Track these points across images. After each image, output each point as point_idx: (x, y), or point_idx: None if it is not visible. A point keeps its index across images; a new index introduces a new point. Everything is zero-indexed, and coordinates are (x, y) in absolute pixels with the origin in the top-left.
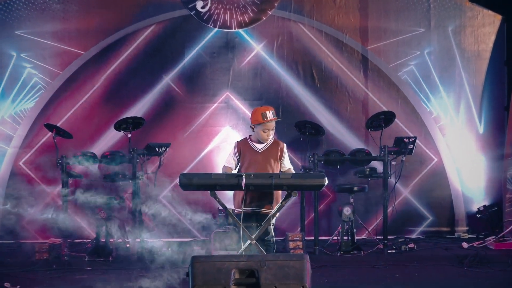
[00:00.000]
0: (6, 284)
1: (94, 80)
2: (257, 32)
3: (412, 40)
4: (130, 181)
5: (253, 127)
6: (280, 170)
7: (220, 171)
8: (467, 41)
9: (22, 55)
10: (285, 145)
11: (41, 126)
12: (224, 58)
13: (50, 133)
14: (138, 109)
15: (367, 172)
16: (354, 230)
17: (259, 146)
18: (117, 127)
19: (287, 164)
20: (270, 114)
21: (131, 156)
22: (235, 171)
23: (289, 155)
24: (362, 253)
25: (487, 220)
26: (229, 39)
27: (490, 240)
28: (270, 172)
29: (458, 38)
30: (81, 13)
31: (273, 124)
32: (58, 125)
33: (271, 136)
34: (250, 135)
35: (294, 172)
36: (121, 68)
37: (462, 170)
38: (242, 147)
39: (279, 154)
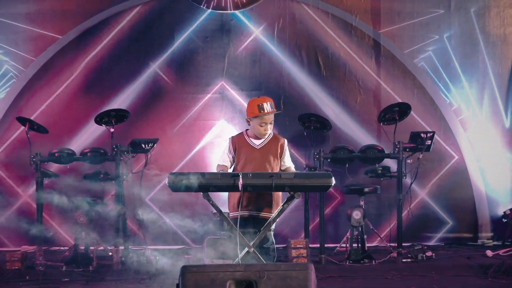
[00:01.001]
0: None
1: (72, 67)
2: (255, 14)
3: (430, 23)
4: (113, 181)
5: (249, 120)
6: (280, 168)
7: (214, 170)
8: (492, 23)
9: None
10: (286, 141)
11: (13, 119)
12: (219, 43)
13: (22, 128)
14: (122, 101)
15: (379, 171)
16: (365, 236)
17: (256, 142)
18: (98, 121)
19: (287, 162)
20: (267, 106)
21: (114, 153)
22: (230, 170)
23: (290, 152)
24: (373, 262)
25: None
26: (224, 21)
27: None
28: (270, 171)
29: (482, 21)
30: None
31: (271, 117)
32: (31, 118)
33: (269, 130)
34: (247, 130)
35: (295, 171)
36: (103, 54)
37: (486, 169)
38: (238, 143)
39: (279, 150)
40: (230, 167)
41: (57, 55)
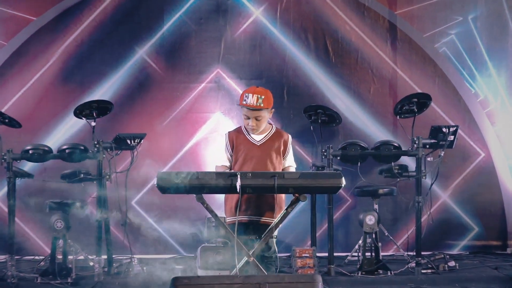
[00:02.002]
0: None
1: (48, 53)
2: None
3: (453, 2)
4: (95, 182)
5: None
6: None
7: (209, 169)
8: None
9: None
10: (290, 137)
11: None
12: (214, 25)
13: None
14: (105, 91)
15: (396, 171)
16: (379, 244)
17: (257, 138)
18: (78, 114)
19: (288, 161)
20: (252, 99)
21: (95, 150)
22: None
23: (295, 150)
24: (389, 274)
25: None
26: (220, 1)
27: None
28: (271, 170)
29: None
30: None
31: (255, 113)
32: (2, 111)
33: (256, 127)
34: None
35: (297, 171)
36: (83, 38)
37: None
38: (236, 139)
39: (282, 147)
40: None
41: (31, 39)
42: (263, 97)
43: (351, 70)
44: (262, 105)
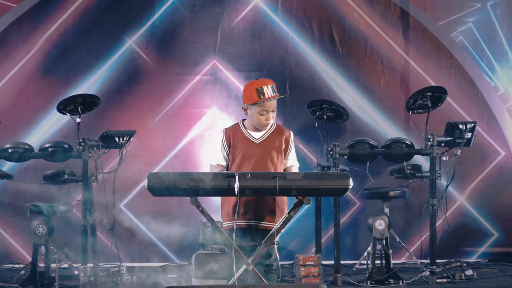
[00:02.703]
0: None
1: (29, 43)
2: None
3: None
4: (80, 183)
5: (247, 108)
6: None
7: (205, 169)
8: None
9: None
10: (292, 134)
11: None
12: (210, 13)
13: None
14: (91, 84)
15: (408, 171)
16: (390, 251)
17: (256, 135)
18: (62, 109)
19: (291, 160)
20: (268, 90)
21: (80, 148)
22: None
23: (298, 148)
24: (400, 283)
25: None
26: None
27: None
28: (272, 170)
29: None
30: None
31: (273, 103)
32: None
33: (272, 120)
34: (244, 120)
35: (297, 171)
36: (67, 26)
37: None
38: (233, 137)
39: (284, 145)
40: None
41: (10, 28)
42: (273, 85)
43: (359, 61)
44: (277, 93)
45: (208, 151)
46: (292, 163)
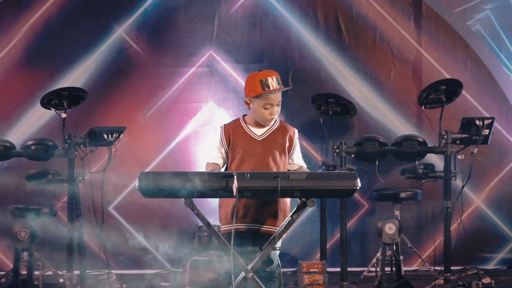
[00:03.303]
0: None
1: (10, 32)
2: None
3: None
4: (65, 184)
5: (249, 102)
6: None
7: (200, 168)
8: None
9: None
10: (296, 131)
11: None
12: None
13: None
14: (77, 76)
15: (421, 171)
16: (401, 257)
17: (257, 132)
18: (46, 103)
19: (297, 160)
20: (273, 82)
21: (66, 146)
22: (223, 170)
23: (302, 145)
24: None
25: None
26: None
27: None
28: (274, 169)
29: None
30: None
31: (278, 97)
32: None
33: (276, 115)
34: (244, 115)
35: (308, 171)
36: (52, 14)
37: None
38: (233, 133)
39: (287, 143)
40: (223, 166)
41: None
42: (277, 76)
43: (368, 52)
44: (282, 85)
45: (205, 149)
46: (298, 162)
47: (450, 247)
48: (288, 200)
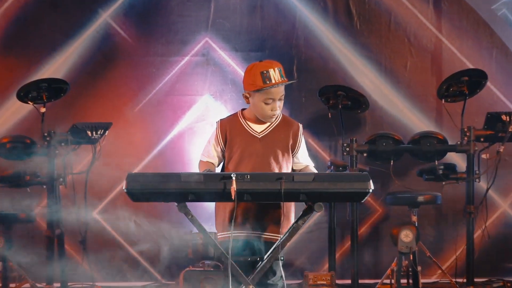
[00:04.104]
0: None
1: None
2: None
3: None
4: (44, 186)
5: (248, 96)
6: (292, 168)
7: (195, 169)
8: None
9: None
10: (301, 127)
11: None
12: None
13: None
14: (58, 66)
15: (440, 172)
16: (419, 268)
17: (258, 128)
18: (23, 96)
19: (303, 159)
20: (276, 74)
21: (46, 144)
22: (219, 170)
23: (308, 143)
24: None
25: None
26: None
27: None
28: (276, 170)
29: None
30: None
31: (281, 91)
32: None
33: (278, 111)
34: (243, 110)
35: (316, 171)
36: None
37: None
38: (230, 129)
39: (291, 141)
40: (218, 166)
41: None
42: (281, 68)
43: (382, 39)
44: (286, 77)
45: (200, 148)
46: (305, 162)
47: (473, 257)
48: (292, 204)
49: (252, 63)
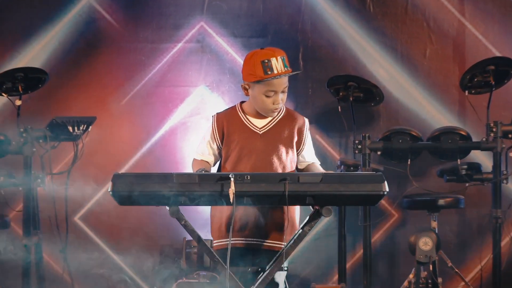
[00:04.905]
0: None
1: None
2: None
3: None
4: (21, 188)
5: (248, 87)
6: (296, 167)
7: (188, 168)
8: None
9: None
10: (307, 122)
11: None
12: None
13: None
14: (36, 54)
15: (464, 172)
16: (439, 280)
17: (258, 123)
18: None
19: (308, 157)
20: (278, 64)
21: (22, 141)
22: (215, 170)
23: (315, 140)
24: None
25: None
26: None
27: None
28: (279, 170)
29: None
30: None
31: (284, 82)
32: None
33: (281, 104)
34: (242, 103)
35: (323, 171)
36: None
37: None
38: (228, 124)
39: (295, 137)
40: (215, 165)
41: None
42: (284, 57)
43: (397, 23)
44: (289, 68)
45: (194, 144)
46: (310, 159)
47: (500, 267)
48: (297, 208)
49: (253, 50)
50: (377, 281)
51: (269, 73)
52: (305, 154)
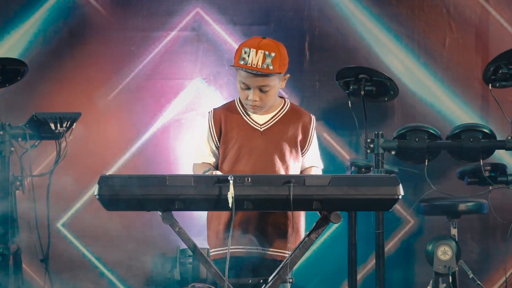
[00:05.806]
0: None
1: None
2: None
3: None
4: None
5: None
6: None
7: (182, 170)
8: None
9: None
10: (313, 118)
11: None
12: None
13: None
14: (14, 44)
15: (487, 174)
16: None
17: (259, 119)
18: None
19: (310, 159)
20: (256, 57)
21: None
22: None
23: (323, 139)
24: None
25: None
26: None
27: None
28: (283, 171)
29: None
30: None
31: (257, 80)
32: None
33: (261, 101)
34: None
35: (330, 175)
36: None
37: None
38: (225, 121)
39: (300, 136)
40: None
41: None
42: (273, 54)
43: (414, 9)
44: (271, 67)
45: (189, 144)
46: (311, 162)
47: None
48: (302, 214)
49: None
50: None
51: (241, 63)
52: (308, 155)
